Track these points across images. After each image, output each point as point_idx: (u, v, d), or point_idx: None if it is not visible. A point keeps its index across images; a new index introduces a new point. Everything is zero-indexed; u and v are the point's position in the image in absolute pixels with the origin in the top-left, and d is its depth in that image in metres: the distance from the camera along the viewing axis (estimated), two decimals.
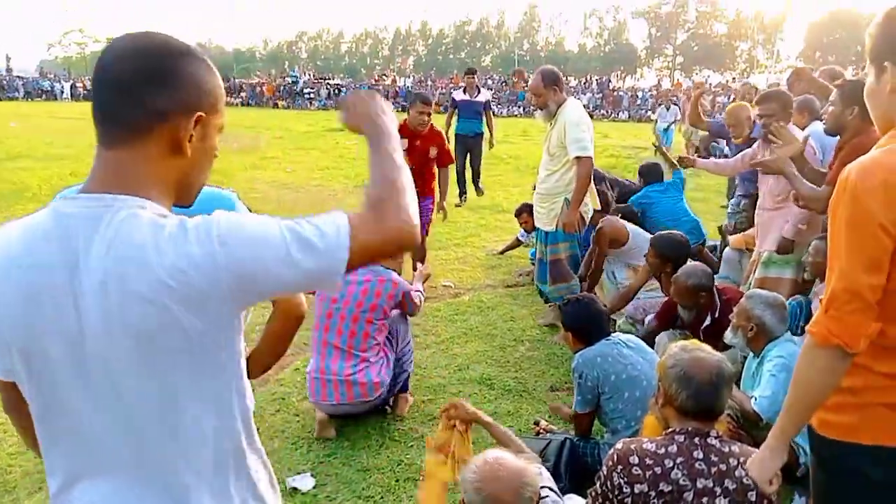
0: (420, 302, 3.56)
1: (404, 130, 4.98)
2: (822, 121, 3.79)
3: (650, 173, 5.68)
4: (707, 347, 2.09)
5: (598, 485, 2.09)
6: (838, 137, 3.29)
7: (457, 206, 8.32)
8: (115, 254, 0.94)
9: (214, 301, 0.96)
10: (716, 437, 1.98)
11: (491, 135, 8.68)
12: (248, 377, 1.18)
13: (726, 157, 6.16)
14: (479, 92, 8.66)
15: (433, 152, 5.33)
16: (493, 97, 36.48)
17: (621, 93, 33.49)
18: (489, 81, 37.89)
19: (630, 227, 4.84)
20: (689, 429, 1.98)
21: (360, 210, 1.04)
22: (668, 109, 14.35)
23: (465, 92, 8.63)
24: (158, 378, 0.98)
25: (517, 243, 6.52)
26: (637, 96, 34.55)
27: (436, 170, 5.44)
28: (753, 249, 4.19)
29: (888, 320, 1.38)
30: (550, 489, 1.98)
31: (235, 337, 1.05)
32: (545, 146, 4.31)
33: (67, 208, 0.99)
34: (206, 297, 0.95)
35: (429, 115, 5.22)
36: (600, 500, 2.06)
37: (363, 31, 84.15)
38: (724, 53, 61.76)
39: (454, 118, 8.53)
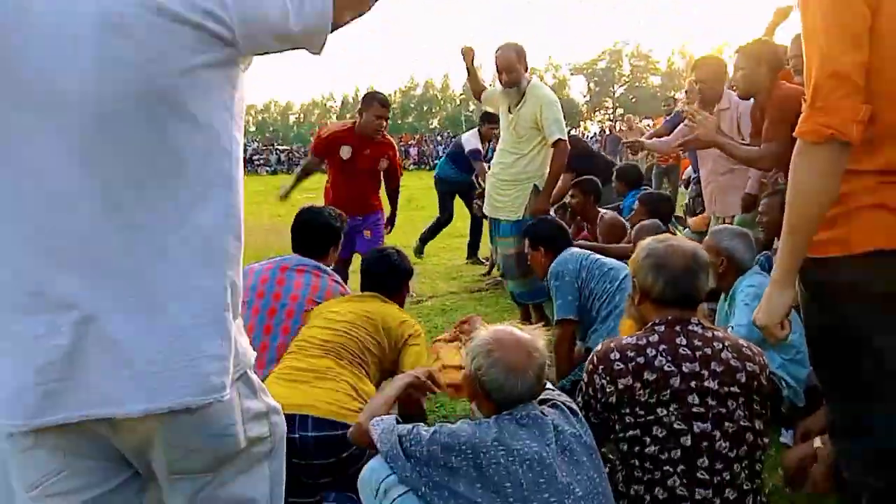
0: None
1: (350, 137, 4.42)
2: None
3: (629, 175, 5.41)
4: (680, 237, 2.02)
5: (579, 396, 1.95)
6: (752, 100, 3.35)
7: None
8: None
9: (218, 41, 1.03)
10: (697, 324, 1.88)
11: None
12: None
13: None
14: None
15: (383, 164, 4.64)
16: (443, 152, 37.29)
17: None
18: (438, 138, 38.68)
19: None
20: (670, 318, 1.88)
21: None
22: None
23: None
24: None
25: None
26: None
27: (380, 181, 4.75)
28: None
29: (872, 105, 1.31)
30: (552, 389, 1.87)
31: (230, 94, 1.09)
32: (510, 129, 4.04)
33: None
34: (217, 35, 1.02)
35: (386, 120, 4.51)
36: (583, 412, 1.93)
37: (311, 101, 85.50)
38: (659, 102, 64.63)
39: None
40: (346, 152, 4.44)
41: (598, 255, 3.07)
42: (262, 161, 35.08)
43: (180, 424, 1.06)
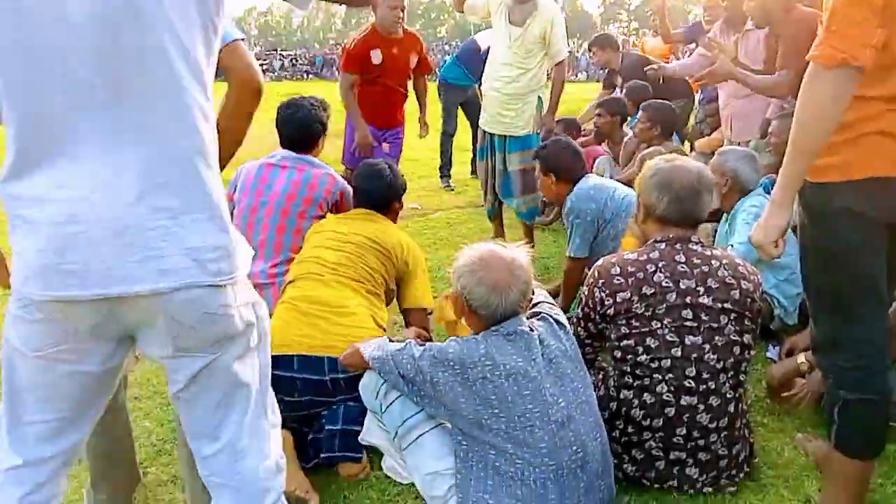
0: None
1: (376, 39, 4.20)
2: None
3: (638, 92, 5.03)
4: (687, 157, 2.05)
5: (579, 309, 2.05)
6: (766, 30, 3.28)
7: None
8: None
9: None
10: (697, 243, 1.94)
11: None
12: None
13: None
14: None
15: (413, 61, 4.46)
16: None
17: (578, 55, 33.37)
18: (446, 48, 37.50)
19: None
20: (671, 235, 1.94)
21: None
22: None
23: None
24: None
25: None
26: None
27: (408, 89, 4.59)
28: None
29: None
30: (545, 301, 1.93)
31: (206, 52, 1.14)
32: (517, 41, 3.90)
33: None
34: None
35: (403, 10, 4.21)
36: (583, 323, 2.03)
37: (315, 5, 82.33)
38: (677, 17, 62.19)
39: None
40: (376, 56, 4.21)
41: (615, 187, 3.01)
42: (265, 66, 34.25)
43: (183, 303, 1.16)
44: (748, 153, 2.91)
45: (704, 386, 1.83)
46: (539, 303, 1.87)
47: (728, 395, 1.85)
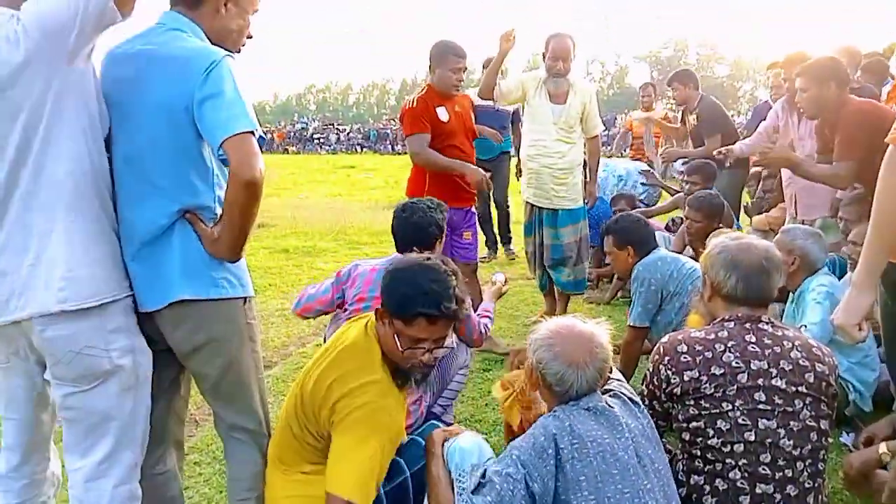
0: (485, 329, 2.69)
1: (434, 97, 3.72)
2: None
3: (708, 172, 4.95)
4: (753, 235, 2.03)
5: (643, 385, 2.00)
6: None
7: (482, 260, 5.76)
8: None
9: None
10: (768, 322, 1.90)
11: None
12: (221, 255, 1.69)
13: None
14: None
15: (473, 117, 3.99)
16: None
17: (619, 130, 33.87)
18: None
19: None
20: (740, 314, 1.90)
21: None
22: None
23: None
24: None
25: None
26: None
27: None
28: (777, 230, 4.10)
29: None
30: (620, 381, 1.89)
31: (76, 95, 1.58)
32: (560, 118, 4.02)
33: None
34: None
35: (464, 71, 3.80)
36: (647, 401, 1.98)
37: (370, 83, 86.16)
38: (726, 94, 62.53)
39: None
40: (443, 113, 3.73)
41: (683, 260, 3.01)
42: (322, 140, 35.74)
43: (48, 334, 1.55)
44: (814, 231, 2.87)
45: (781, 473, 1.74)
46: (609, 379, 1.84)
47: (807, 485, 1.76)
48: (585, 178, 4.37)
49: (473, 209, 4.02)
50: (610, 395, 1.76)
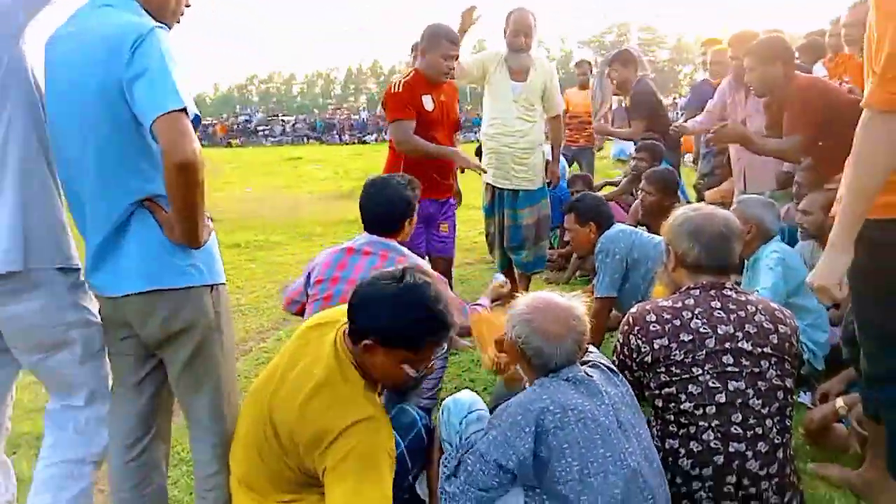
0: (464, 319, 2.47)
1: (420, 84, 3.54)
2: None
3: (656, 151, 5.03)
4: (712, 206, 2.09)
5: (614, 356, 2.04)
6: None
7: None
8: None
9: None
10: (731, 288, 1.95)
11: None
12: (180, 241, 1.65)
13: None
14: None
15: (456, 112, 3.88)
16: None
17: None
18: None
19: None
20: (704, 282, 1.95)
21: None
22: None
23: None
24: None
25: None
26: None
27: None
28: (728, 203, 4.21)
29: None
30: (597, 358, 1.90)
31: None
32: (520, 96, 3.94)
33: None
34: None
35: (456, 60, 3.59)
36: (618, 371, 2.01)
37: (314, 72, 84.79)
38: (668, 77, 64.02)
39: None
40: (428, 102, 3.56)
41: (641, 231, 3.11)
42: (266, 132, 35.00)
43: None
44: (768, 201, 2.96)
45: (751, 432, 1.80)
46: (587, 351, 1.86)
47: (776, 441, 1.82)
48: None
49: (452, 200, 3.89)
50: (589, 366, 1.78)
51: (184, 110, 1.50)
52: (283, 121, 37.30)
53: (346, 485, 1.55)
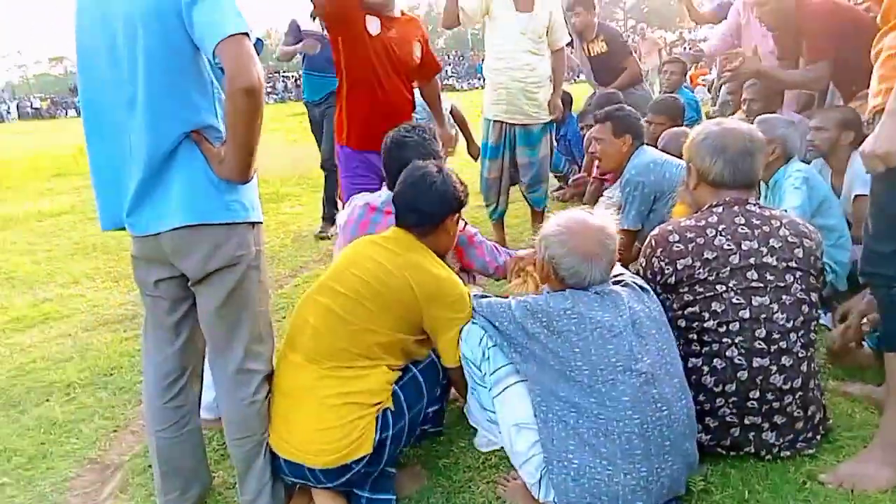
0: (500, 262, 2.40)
1: (368, 8, 2.91)
2: None
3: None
4: (735, 118, 2.03)
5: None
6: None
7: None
8: None
9: None
10: (755, 204, 1.92)
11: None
12: (230, 176, 1.60)
13: None
14: None
15: (417, 52, 3.10)
16: (452, 73, 36.22)
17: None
18: (446, 57, 37.66)
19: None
20: (728, 199, 1.92)
21: None
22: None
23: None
24: None
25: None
26: None
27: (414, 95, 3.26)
28: None
29: None
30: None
31: None
32: (527, 29, 3.82)
33: None
34: None
35: None
36: None
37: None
38: (673, 12, 62.21)
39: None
40: (373, 25, 2.92)
41: (672, 160, 2.94)
42: (269, 89, 34.58)
43: None
44: (790, 120, 2.88)
45: (776, 346, 1.79)
46: (619, 273, 1.82)
47: (800, 355, 1.81)
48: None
49: None
50: (620, 285, 1.75)
51: (247, 34, 1.47)
52: (284, 77, 36.72)
53: (439, 312, 1.83)
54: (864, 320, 2.30)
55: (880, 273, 1.76)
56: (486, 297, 1.87)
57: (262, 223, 1.79)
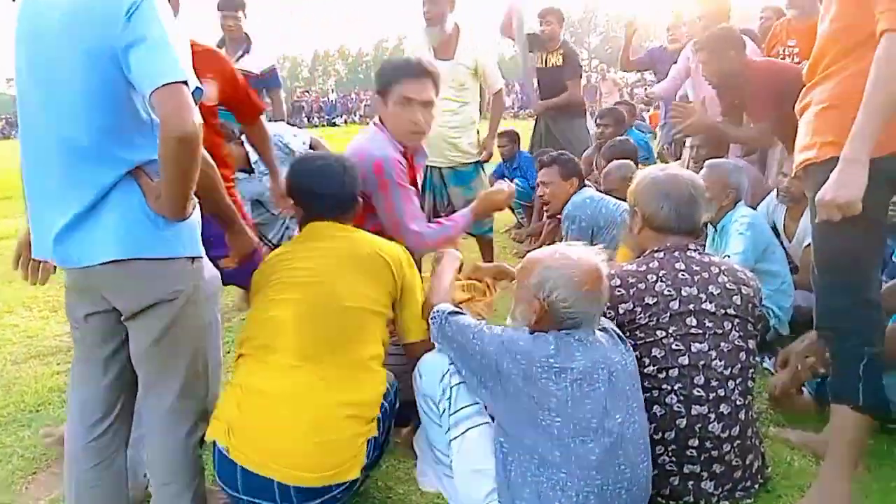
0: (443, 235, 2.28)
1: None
2: None
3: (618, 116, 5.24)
4: (676, 165, 2.06)
5: None
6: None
7: None
8: None
9: None
10: (695, 250, 1.93)
11: None
12: (164, 213, 1.55)
13: None
14: None
15: (210, 92, 2.22)
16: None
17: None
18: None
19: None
20: (669, 244, 1.93)
21: None
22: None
23: None
24: None
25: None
26: None
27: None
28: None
29: None
30: None
31: None
32: (448, 76, 3.56)
33: None
34: None
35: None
36: None
37: (281, 56, 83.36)
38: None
39: None
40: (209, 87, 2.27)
41: (608, 198, 3.13)
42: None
43: None
44: (739, 165, 2.95)
45: (714, 394, 1.79)
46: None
47: (738, 402, 1.81)
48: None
49: None
50: (600, 330, 1.70)
51: (185, 82, 1.42)
52: None
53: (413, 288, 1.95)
54: (804, 364, 2.32)
55: (838, 327, 1.80)
56: (461, 313, 1.80)
57: (202, 258, 1.72)
